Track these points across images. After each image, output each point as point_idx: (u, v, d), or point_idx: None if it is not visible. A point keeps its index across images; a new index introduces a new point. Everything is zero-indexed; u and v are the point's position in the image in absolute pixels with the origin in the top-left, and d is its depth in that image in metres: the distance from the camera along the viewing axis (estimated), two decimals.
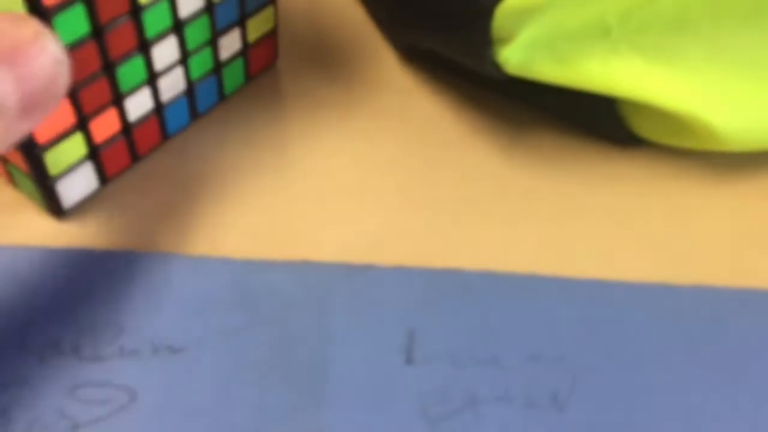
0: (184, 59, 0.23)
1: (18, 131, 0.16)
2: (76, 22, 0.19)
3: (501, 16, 0.21)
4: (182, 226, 0.23)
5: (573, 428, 0.20)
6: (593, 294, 0.22)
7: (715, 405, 0.21)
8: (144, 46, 0.22)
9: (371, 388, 0.20)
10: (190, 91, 0.24)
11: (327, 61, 0.28)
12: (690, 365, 0.21)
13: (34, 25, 0.16)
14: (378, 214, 0.24)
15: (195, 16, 0.23)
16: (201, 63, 0.24)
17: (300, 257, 0.23)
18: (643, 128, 0.25)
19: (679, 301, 0.22)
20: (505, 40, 0.22)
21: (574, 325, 0.22)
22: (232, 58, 0.25)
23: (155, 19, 0.21)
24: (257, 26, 0.25)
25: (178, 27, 0.22)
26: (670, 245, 0.24)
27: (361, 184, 0.25)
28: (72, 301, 0.21)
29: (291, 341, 0.21)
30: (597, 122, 0.26)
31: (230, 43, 0.25)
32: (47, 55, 0.16)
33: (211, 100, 0.26)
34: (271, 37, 0.26)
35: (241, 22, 0.24)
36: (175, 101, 0.24)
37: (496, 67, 0.23)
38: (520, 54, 0.22)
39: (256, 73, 0.27)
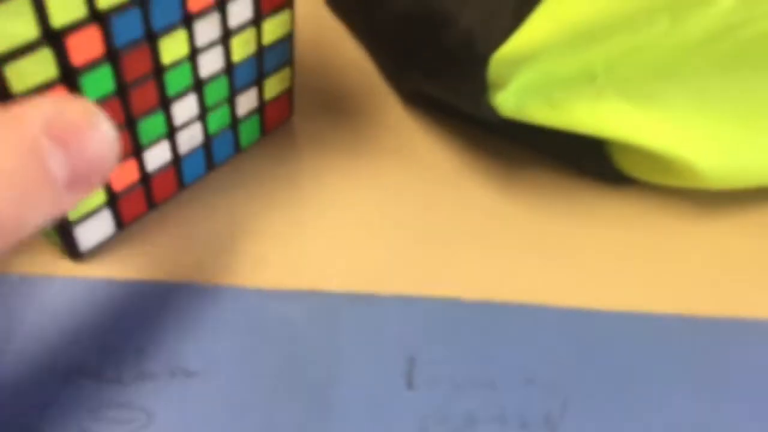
0: (202, 115, 0.24)
1: (66, 205, 0.17)
2: (102, 81, 0.21)
3: (496, 64, 0.23)
4: (199, 258, 0.25)
5: None
6: (584, 322, 0.24)
7: (699, 427, 0.22)
8: (165, 103, 0.23)
9: (374, 410, 0.22)
10: (207, 144, 0.25)
11: (338, 109, 0.30)
12: (674, 388, 0.22)
13: (87, 104, 0.17)
14: (382, 247, 0.25)
15: (215, 76, 0.24)
16: (219, 118, 0.25)
17: (308, 287, 0.24)
18: (629, 167, 0.27)
19: (665, 330, 0.24)
20: (500, 86, 0.24)
21: (566, 352, 0.23)
22: (249, 114, 0.26)
23: (177, 79, 0.22)
24: (274, 85, 0.26)
25: (198, 86, 0.23)
26: (656, 277, 0.25)
27: (366, 219, 0.26)
28: (96, 328, 0.23)
29: (299, 366, 0.22)
30: (586, 162, 0.27)
31: (247, 101, 0.26)
32: (100, 134, 0.17)
33: (227, 152, 0.27)
34: (286, 95, 0.27)
35: (258, 82, 0.26)
36: (192, 153, 0.25)
37: (492, 110, 0.24)
38: (514, 99, 0.24)
39: (271, 128, 0.28)
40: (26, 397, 0.21)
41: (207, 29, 0.22)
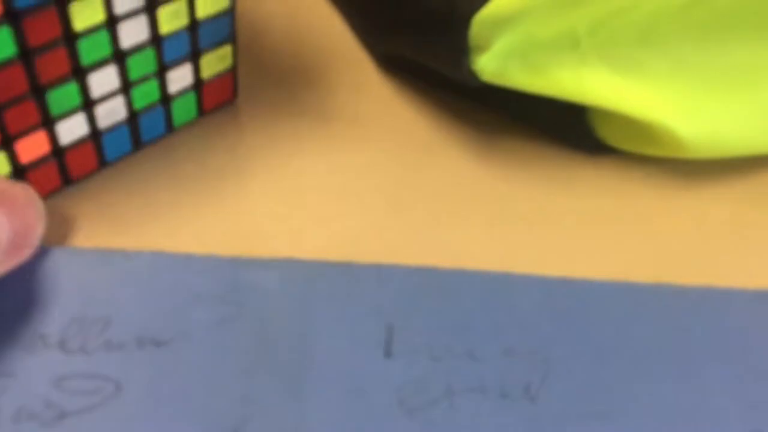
0: (125, 89, 0.23)
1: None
2: (2, 44, 0.19)
3: (477, 25, 0.22)
4: (168, 224, 0.24)
5: (544, 417, 0.21)
6: (563, 291, 0.23)
7: (679, 394, 0.22)
8: (78, 73, 0.21)
9: (351, 380, 0.21)
10: (133, 120, 0.24)
11: (310, 73, 0.29)
12: (654, 357, 0.22)
13: (17, 182, 0.21)
14: (358, 215, 0.25)
15: (139, 48, 0.22)
16: (146, 94, 0.24)
17: (283, 255, 0.23)
18: (611, 136, 0.26)
19: (644, 299, 0.23)
20: (481, 49, 0.23)
21: (545, 321, 0.23)
22: (183, 92, 0.25)
23: (92, 48, 0.21)
24: (212, 64, 0.25)
25: (119, 57, 0.22)
26: (635, 246, 0.25)
27: (341, 186, 0.25)
28: (59, 297, 0.22)
29: (274, 335, 0.22)
30: (567, 130, 0.27)
31: (180, 78, 0.24)
32: (33, 207, 0.21)
33: (157, 130, 0.25)
34: (229, 74, 0.26)
35: (193, 58, 0.24)
36: (114, 129, 0.24)
37: (472, 74, 0.24)
38: (495, 62, 0.23)
39: (210, 109, 0.26)
40: None
41: None
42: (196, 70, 0.25)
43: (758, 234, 0.26)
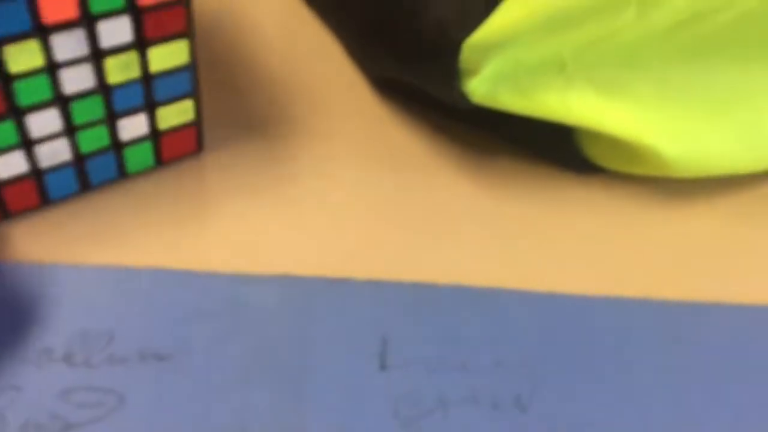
0: (69, 132, 0.23)
1: None
2: None
3: (468, 50, 0.23)
4: (169, 243, 0.25)
5: (534, 427, 0.21)
6: (553, 306, 0.24)
7: (665, 407, 0.22)
8: (16, 113, 0.22)
9: (348, 391, 0.22)
10: (79, 162, 0.24)
11: (308, 93, 0.30)
12: (641, 371, 0.23)
13: None
14: (354, 232, 0.25)
15: (84, 94, 0.23)
16: (93, 138, 0.24)
17: (281, 271, 0.24)
18: (598, 156, 0.27)
19: (632, 314, 0.24)
20: (472, 73, 0.24)
21: (535, 334, 0.23)
22: (137, 141, 0.25)
23: (31, 90, 0.21)
24: (170, 116, 0.25)
25: (61, 101, 0.22)
26: (622, 262, 0.26)
27: (338, 204, 0.26)
28: (64, 312, 0.22)
29: (273, 348, 0.22)
30: (555, 150, 0.28)
31: (133, 126, 0.24)
32: None
33: (108, 174, 0.25)
34: (191, 128, 0.26)
35: (147, 109, 0.24)
36: (58, 169, 0.24)
37: (463, 97, 0.24)
38: (485, 85, 0.24)
39: (170, 160, 0.26)
40: None
41: (68, 44, 0.21)
42: (152, 122, 0.25)
43: (742, 249, 0.26)
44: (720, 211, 0.27)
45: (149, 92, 0.24)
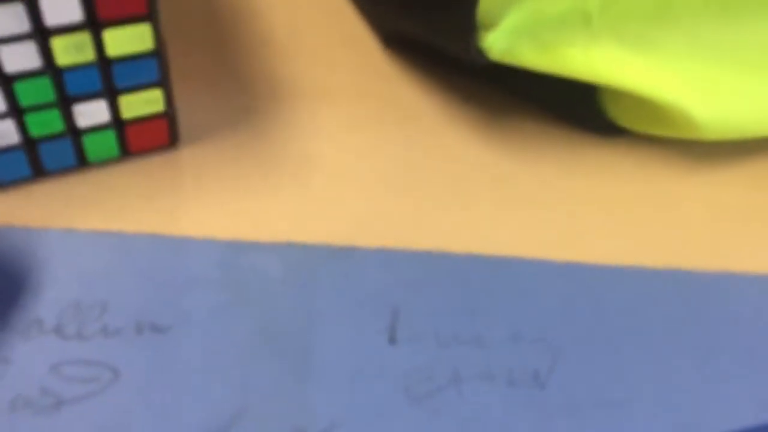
0: (15, 114, 0.22)
1: None
2: None
3: (486, 2, 0.22)
4: (167, 209, 0.23)
5: (553, 405, 0.20)
6: (572, 276, 0.23)
7: (690, 381, 0.21)
8: None
9: (355, 366, 0.21)
10: (31, 146, 0.23)
11: (317, 53, 0.28)
12: (664, 344, 0.22)
13: None
14: (361, 198, 0.24)
15: (29, 74, 0.21)
16: (44, 123, 0.23)
17: (284, 239, 0.23)
18: (622, 117, 0.26)
19: (655, 284, 0.23)
20: (489, 26, 0.22)
21: (554, 306, 0.22)
22: (97, 128, 0.24)
23: None
24: (135, 105, 0.24)
25: (4, 79, 0.21)
26: (647, 230, 0.24)
27: (344, 169, 0.25)
28: (55, 280, 0.21)
29: (276, 320, 0.21)
30: (577, 111, 0.27)
31: (91, 113, 0.23)
32: None
33: (65, 161, 0.24)
34: (160, 119, 0.24)
35: (107, 96, 0.23)
36: (7, 151, 0.23)
37: (480, 53, 0.23)
38: (504, 40, 0.23)
39: (139, 151, 0.25)
40: None
41: (7, 19, 0.20)
42: (114, 109, 0.23)
43: None
44: (750, 178, 0.26)
45: (108, 78, 0.22)
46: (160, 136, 0.25)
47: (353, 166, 0.25)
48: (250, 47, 0.28)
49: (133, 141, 0.24)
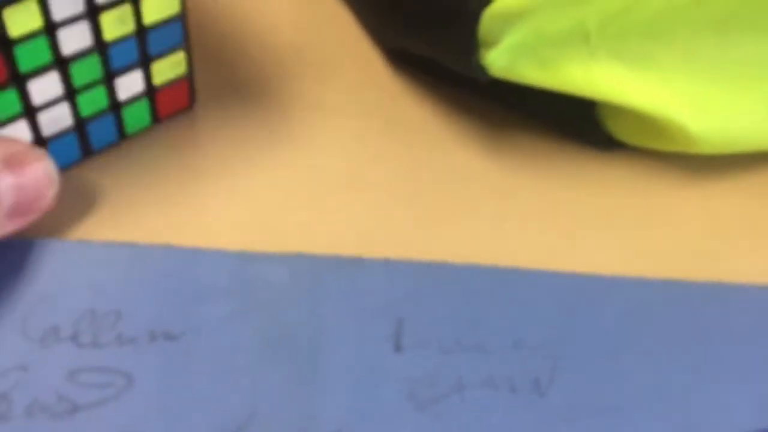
0: (70, 96, 0.22)
1: (2, 231, 0.20)
2: None
3: (487, 20, 0.22)
4: (177, 220, 0.24)
5: (553, 412, 0.21)
6: (572, 286, 0.23)
7: (689, 390, 0.22)
8: (18, 80, 0.21)
9: (361, 373, 0.21)
10: (81, 127, 0.24)
11: (320, 67, 0.29)
12: (663, 353, 0.22)
13: (33, 147, 0.21)
14: (368, 210, 0.25)
15: (82, 54, 0.22)
16: (93, 101, 0.23)
17: (293, 249, 0.23)
18: (620, 131, 0.26)
19: (654, 294, 0.23)
20: (491, 44, 0.23)
21: (554, 315, 0.23)
22: (134, 99, 0.24)
23: (31, 54, 0.21)
24: (164, 70, 0.24)
25: (61, 63, 0.21)
26: (645, 241, 0.25)
27: (351, 181, 0.25)
28: (70, 289, 0.22)
29: (284, 329, 0.22)
30: (577, 125, 0.27)
31: (131, 84, 0.24)
32: (44, 166, 0.21)
33: (108, 138, 0.25)
34: (183, 81, 0.25)
35: (143, 65, 0.24)
36: (61, 136, 0.23)
37: (482, 69, 0.24)
38: (505, 57, 0.23)
39: (166, 116, 0.26)
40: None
41: (65, 2, 0.20)
42: (148, 77, 0.24)
43: None
44: (746, 190, 0.27)
45: (144, 46, 0.23)
46: (183, 98, 0.26)
47: (359, 178, 0.26)
48: (259, 63, 0.29)
49: (162, 107, 0.25)
